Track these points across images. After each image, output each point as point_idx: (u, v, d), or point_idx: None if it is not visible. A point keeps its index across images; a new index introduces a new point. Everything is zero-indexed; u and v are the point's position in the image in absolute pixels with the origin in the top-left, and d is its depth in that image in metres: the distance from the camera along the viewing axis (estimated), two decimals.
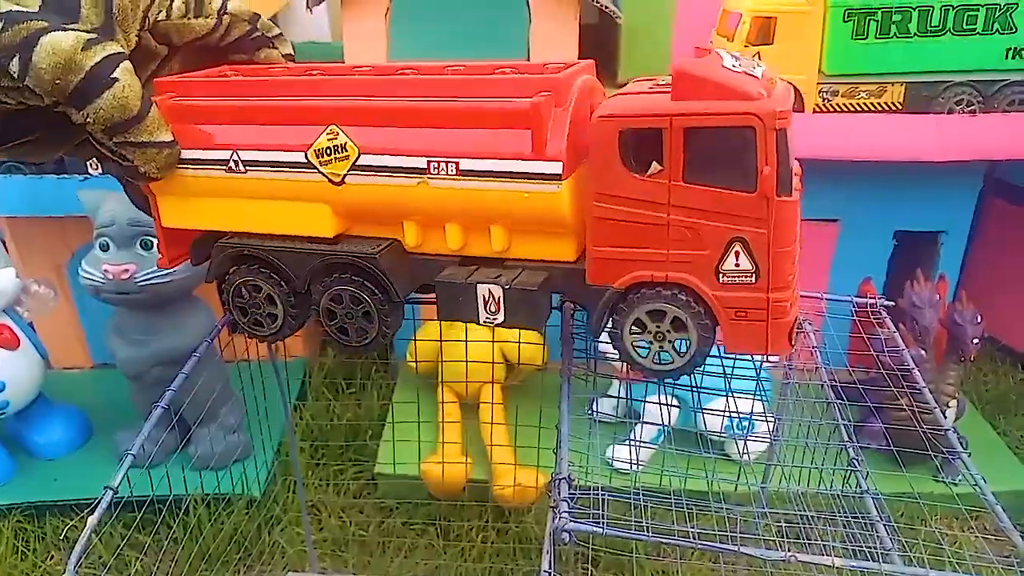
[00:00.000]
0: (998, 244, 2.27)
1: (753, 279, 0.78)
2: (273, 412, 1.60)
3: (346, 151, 0.88)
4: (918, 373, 1.10)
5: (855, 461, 0.97)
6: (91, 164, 1.98)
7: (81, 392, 2.14)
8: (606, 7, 1.99)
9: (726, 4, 1.97)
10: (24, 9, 0.81)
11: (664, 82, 0.85)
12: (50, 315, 1.95)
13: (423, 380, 2.07)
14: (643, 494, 0.97)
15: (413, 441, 1.66)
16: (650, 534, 0.78)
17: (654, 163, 0.78)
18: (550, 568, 0.77)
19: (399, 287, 0.94)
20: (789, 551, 0.75)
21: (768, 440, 1.51)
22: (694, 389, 1.08)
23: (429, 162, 0.84)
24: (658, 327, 0.83)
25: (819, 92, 1.89)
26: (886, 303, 1.23)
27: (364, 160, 0.87)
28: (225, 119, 0.94)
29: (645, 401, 1.66)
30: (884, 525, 0.85)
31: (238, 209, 0.97)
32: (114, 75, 0.83)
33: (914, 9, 1.79)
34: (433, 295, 0.93)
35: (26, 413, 1.90)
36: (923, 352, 1.76)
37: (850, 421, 1.08)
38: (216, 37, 1.01)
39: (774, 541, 0.90)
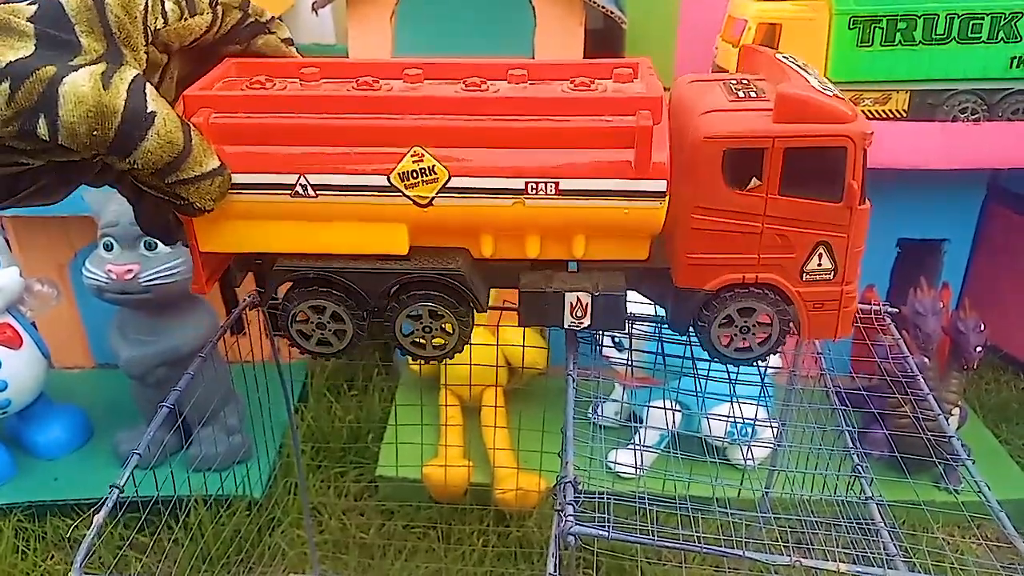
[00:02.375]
0: (1001, 253, 2.27)
1: (832, 276, 0.87)
2: (274, 414, 1.60)
3: (435, 174, 0.84)
4: (922, 380, 1.10)
5: (859, 467, 0.97)
6: None
7: (82, 392, 2.14)
8: (610, 12, 1.99)
9: (731, 10, 1.98)
10: (21, 56, 0.70)
11: (736, 83, 0.89)
12: (51, 314, 1.95)
13: (425, 383, 2.07)
14: (647, 499, 0.97)
15: (415, 444, 1.66)
16: (655, 538, 0.78)
17: (753, 178, 0.84)
18: (555, 571, 0.77)
19: (482, 299, 0.93)
20: (794, 556, 0.75)
21: (771, 446, 1.51)
22: (698, 395, 1.08)
23: (527, 183, 0.84)
24: (745, 322, 0.91)
25: None
26: (890, 310, 1.23)
27: (455, 183, 0.84)
28: (288, 140, 0.86)
29: (648, 406, 1.66)
30: (888, 532, 0.85)
31: (300, 231, 0.90)
32: (150, 108, 0.74)
33: (919, 17, 1.80)
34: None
35: (27, 412, 1.90)
36: (926, 360, 1.75)
37: (854, 427, 1.08)
38: (212, 32, 0.91)
39: (777, 546, 0.90)
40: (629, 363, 1.25)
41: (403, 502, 1.83)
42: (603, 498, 0.94)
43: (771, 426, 1.44)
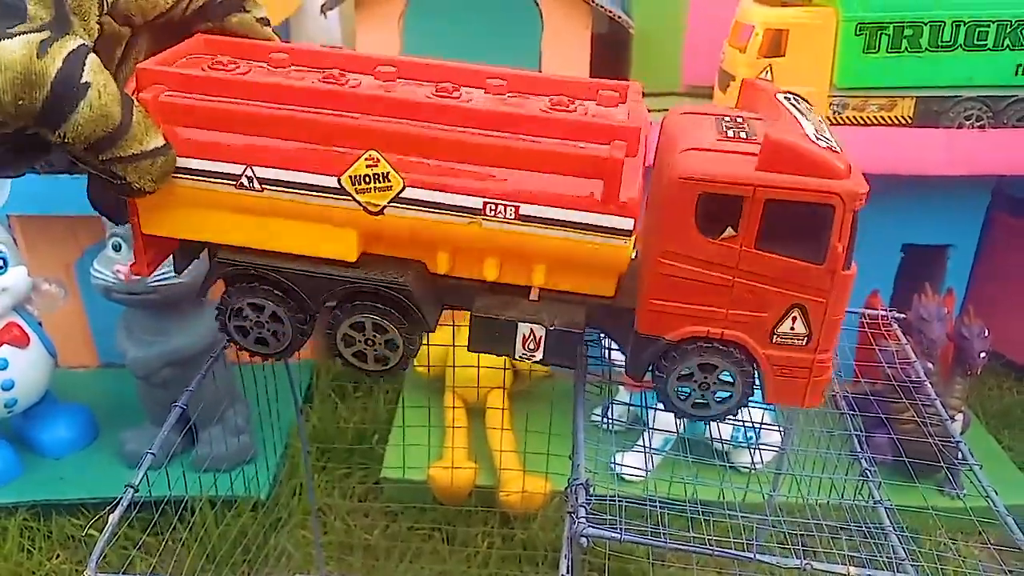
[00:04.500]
0: (1004, 259, 2.28)
1: (805, 342, 0.81)
2: (280, 415, 1.60)
3: (388, 182, 0.79)
4: (929, 385, 1.11)
5: (867, 472, 0.98)
6: None
7: (87, 391, 2.15)
8: (617, 16, 2.00)
9: (739, 16, 1.98)
10: None
11: (730, 120, 0.83)
12: (58, 314, 1.96)
13: (430, 385, 2.08)
14: (655, 502, 0.98)
15: (420, 446, 1.66)
16: (666, 540, 0.79)
17: (729, 228, 0.78)
18: (568, 573, 0.77)
19: (430, 317, 0.88)
20: (803, 559, 0.76)
21: (776, 450, 1.51)
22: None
23: (485, 203, 0.79)
24: (706, 378, 0.86)
25: (830, 105, 1.90)
26: (897, 315, 1.23)
27: (409, 193, 0.80)
28: (237, 127, 0.81)
29: (655, 409, 1.67)
30: (897, 536, 0.85)
31: (244, 225, 0.85)
32: (84, 79, 0.70)
33: (925, 24, 1.81)
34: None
35: (33, 411, 1.91)
36: (930, 365, 1.76)
37: (862, 431, 1.09)
38: (181, 8, 0.86)
39: (787, 549, 0.91)
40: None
41: (408, 504, 1.84)
42: (612, 501, 0.94)
43: (777, 430, 1.45)
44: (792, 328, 0.80)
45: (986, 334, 1.76)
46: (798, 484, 1.12)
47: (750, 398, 0.88)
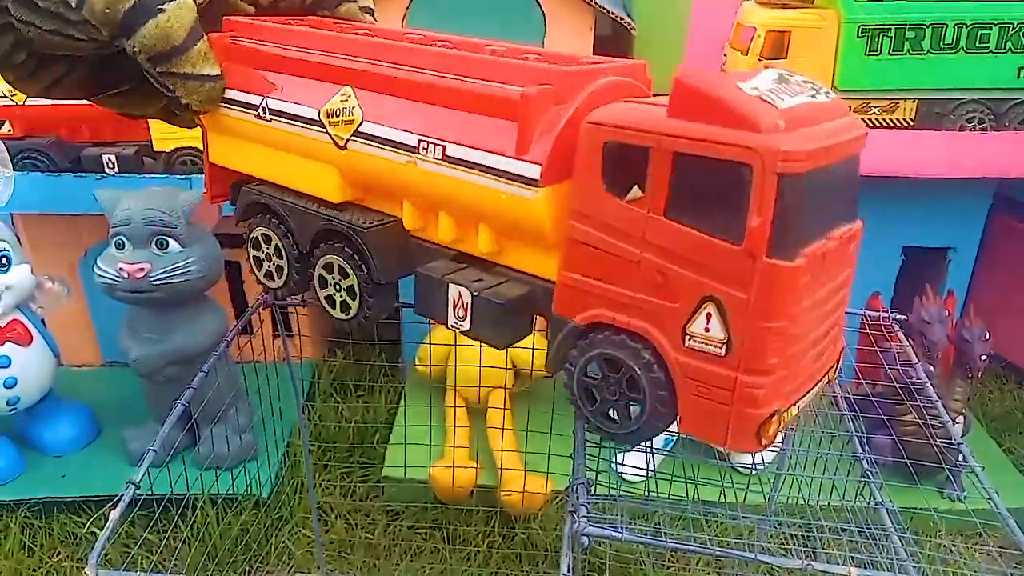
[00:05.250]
0: (1006, 262, 2.28)
1: (723, 351, 0.63)
2: (282, 413, 1.61)
3: (352, 115, 0.85)
4: (931, 387, 1.11)
5: (869, 473, 0.98)
6: (108, 163, 1.99)
7: (90, 389, 2.15)
8: (620, 19, 2.01)
9: (740, 18, 1.99)
10: None
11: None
12: (61, 312, 1.96)
13: (432, 384, 2.08)
14: (657, 502, 0.98)
15: (421, 445, 1.67)
16: (667, 540, 0.79)
17: (636, 188, 0.67)
18: (569, 572, 0.77)
19: (383, 268, 0.88)
20: (804, 560, 0.76)
21: (777, 450, 1.51)
22: None
23: (419, 141, 0.79)
24: (612, 377, 0.71)
25: None
26: (898, 317, 1.24)
27: (365, 128, 0.84)
28: (263, 65, 0.94)
29: None
30: (899, 537, 0.85)
31: (264, 156, 0.97)
32: (162, 6, 0.84)
33: (928, 26, 1.81)
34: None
35: (36, 409, 1.91)
36: (931, 367, 1.76)
37: (863, 433, 1.09)
38: None
39: (788, 549, 0.91)
40: None
41: (409, 503, 1.84)
42: (613, 500, 0.94)
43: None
44: (706, 328, 0.64)
45: (987, 337, 1.77)
46: (799, 485, 1.12)
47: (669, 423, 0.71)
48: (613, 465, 1.76)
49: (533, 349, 1.70)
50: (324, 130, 0.87)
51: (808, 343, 0.67)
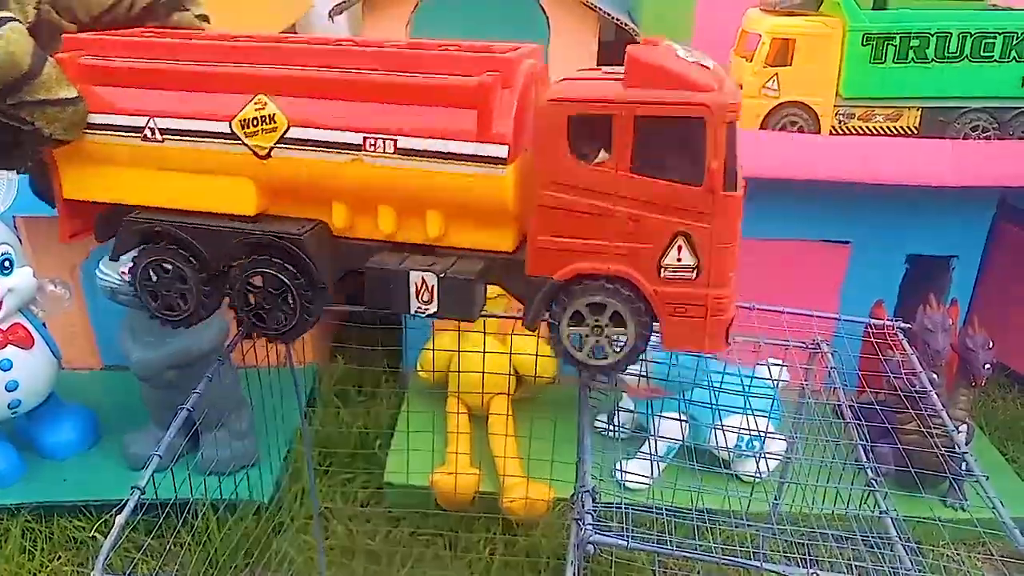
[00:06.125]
0: (1009, 271, 2.28)
1: (694, 275, 0.78)
2: (282, 418, 1.60)
3: (274, 123, 0.83)
4: (935, 395, 1.11)
5: (873, 482, 0.97)
6: None
7: (90, 393, 2.14)
8: (624, 24, 2.01)
9: (745, 25, 1.99)
10: None
11: (616, 70, 0.83)
12: (62, 315, 1.96)
13: (433, 390, 2.08)
14: (660, 510, 0.98)
15: (423, 451, 1.66)
16: (673, 548, 0.79)
17: (603, 151, 0.77)
18: None
19: (324, 272, 0.89)
20: (810, 568, 0.76)
21: (781, 459, 1.51)
22: (711, 406, 1.09)
23: (365, 138, 0.80)
24: (597, 320, 0.82)
25: (835, 115, 1.91)
26: (903, 325, 1.23)
27: (294, 133, 0.83)
28: (142, 82, 0.88)
29: (661, 416, 1.67)
30: (903, 546, 0.85)
31: (152, 182, 0.91)
32: None
33: (932, 35, 1.81)
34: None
35: (37, 413, 1.91)
36: (935, 376, 1.76)
37: (867, 441, 1.08)
38: (124, 7, 0.96)
39: (791, 559, 0.90)
40: (642, 374, 1.26)
41: (410, 509, 1.83)
42: (618, 508, 0.94)
43: (782, 439, 1.45)
44: (679, 259, 0.78)
45: (990, 345, 1.76)
46: (803, 493, 1.12)
47: (648, 343, 0.83)
48: (615, 473, 1.75)
49: (536, 356, 1.70)
50: (239, 142, 0.85)
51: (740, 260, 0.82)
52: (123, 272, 1.67)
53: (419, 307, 0.85)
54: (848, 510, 1.02)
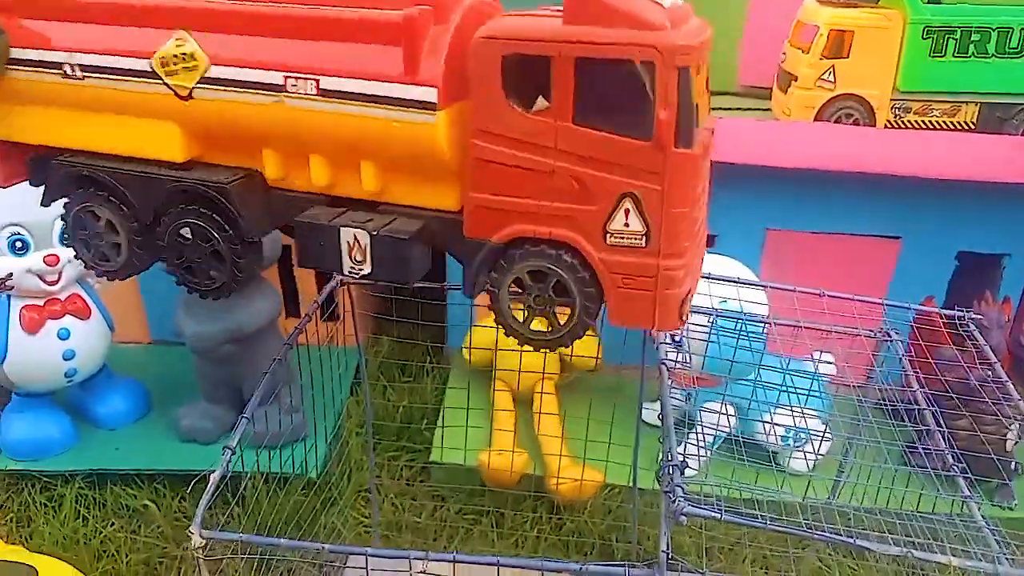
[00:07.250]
0: None
1: (643, 242, 0.69)
2: (330, 396, 1.61)
3: (195, 60, 0.78)
4: (1012, 387, 1.11)
5: (955, 467, 0.98)
6: None
7: (139, 366, 2.17)
8: None
9: (802, 15, 1.98)
10: None
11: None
12: (112, 290, 1.98)
13: (477, 371, 2.09)
14: (732, 487, 0.98)
15: (471, 428, 1.67)
16: (767, 522, 0.79)
17: (541, 98, 0.69)
18: (667, 549, 0.78)
19: (252, 224, 0.84)
20: (904, 548, 0.76)
21: (821, 457, 1.50)
22: (754, 401, 1.07)
23: (286, 78, 0.75)
24: (540, 289, 0.74)
25: (891, 108, 1.90)
26: (974, 316, 1.23)
27: (214, 72, 0.78)
28: (63, 16, 0.83)
29: (703, 409, 1.67)
30: (990, 530, 0.85)
31: (77, 123, 0.87)
32: None
33: (994, 30, 1.80)
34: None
35: (90, 383, 1.93)
36: (989, 372, 1.75)
37: (943, 427, 1.09)
38: None
39: (885, 537, 0.90)
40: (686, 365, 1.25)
41: (456, 487, 1.85)
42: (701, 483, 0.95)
43: (825, 436, 1.44)
44: (626, 224, 0.69)
45: None
46: (865, 477, 1.12)
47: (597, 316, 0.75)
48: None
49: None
50: (160, 81, 0.80)
51: (700, 227, 0.74)
52: None
53: (352, 267, 0.79)
54: (923, 494, 1.02)
